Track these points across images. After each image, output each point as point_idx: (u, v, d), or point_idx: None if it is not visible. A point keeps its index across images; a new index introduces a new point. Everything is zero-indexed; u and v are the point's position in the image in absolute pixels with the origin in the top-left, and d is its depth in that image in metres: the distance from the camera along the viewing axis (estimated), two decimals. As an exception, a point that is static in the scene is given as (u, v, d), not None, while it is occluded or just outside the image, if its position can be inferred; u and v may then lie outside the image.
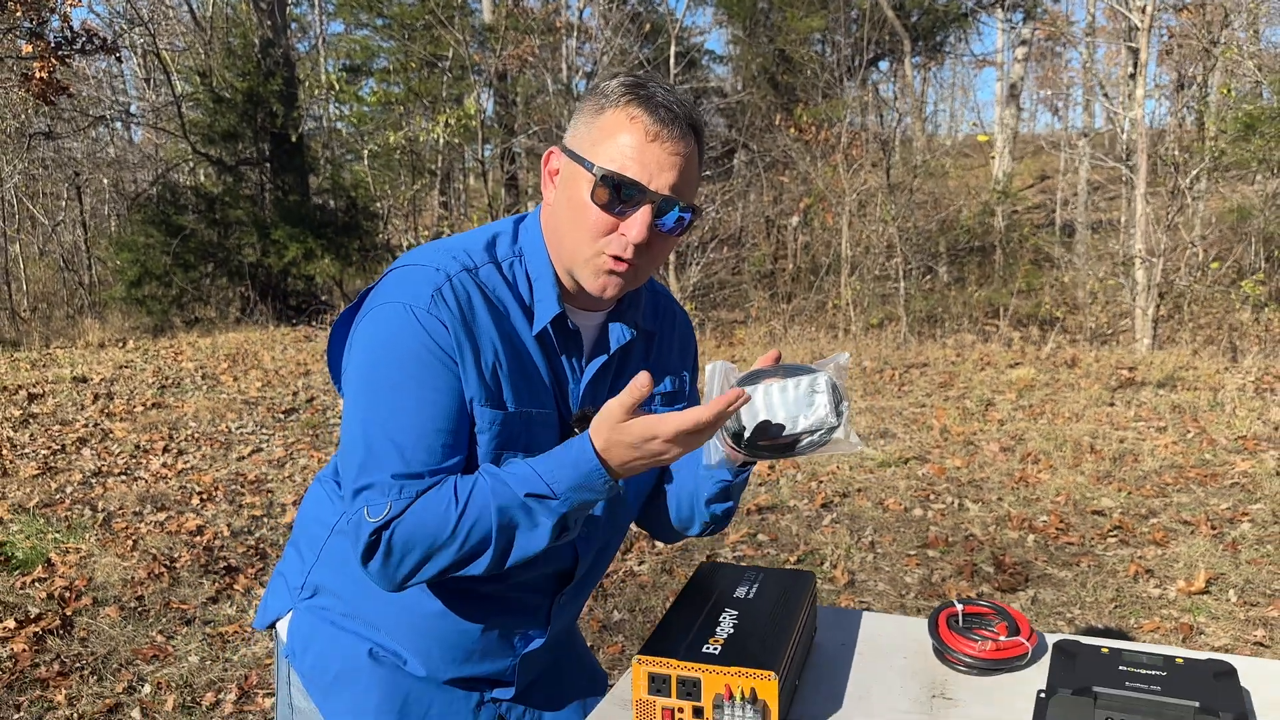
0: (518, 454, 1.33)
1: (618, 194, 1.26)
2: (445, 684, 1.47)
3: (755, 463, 1.48)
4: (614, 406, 1.21)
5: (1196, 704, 1.26)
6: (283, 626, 1.52)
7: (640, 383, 1.17)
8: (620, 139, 1.26)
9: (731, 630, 1.38)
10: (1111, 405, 7.33)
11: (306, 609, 1.50)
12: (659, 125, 1.26)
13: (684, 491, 1.53)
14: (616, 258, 1.29)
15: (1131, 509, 5.14)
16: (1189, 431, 6.48)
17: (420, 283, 1.29)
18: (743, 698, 1.27)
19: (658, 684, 1.30)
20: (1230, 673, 1.36)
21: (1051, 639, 1.54)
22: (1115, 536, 4.79)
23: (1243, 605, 4.03)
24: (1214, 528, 4.82)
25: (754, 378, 1.33)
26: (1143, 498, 5.30)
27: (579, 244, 1.30)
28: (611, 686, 1.51)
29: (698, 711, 1.28)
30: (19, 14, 9.85)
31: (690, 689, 1.28)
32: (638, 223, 1.27)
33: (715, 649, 1.32)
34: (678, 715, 1.29)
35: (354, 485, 1.27)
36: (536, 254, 1.37)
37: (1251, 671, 1.47)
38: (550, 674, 1.59)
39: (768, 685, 1.26)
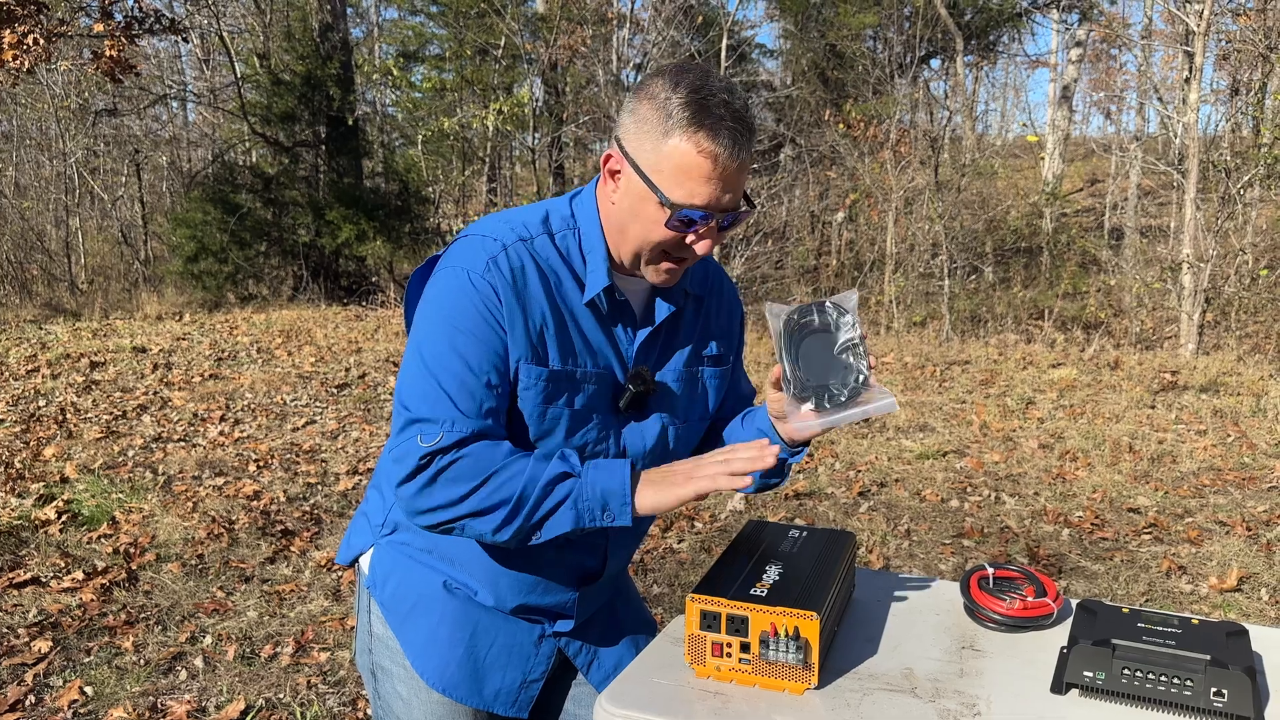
0: (562, 410, 1.47)
1: (690, 223, 1.40)
2: (511, 615, 1.61)
3: (806, 448, 1.62)
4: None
5: (1208, 658, 1.36)
6: (365, 560, 1.67)
7: None
8: (691, 170, 1.36)
9: (777, 577, 1.50)
10: (1152, 408, 7.34)
11: (387, 544, 1.64)
12: (728, 155, 1.35)
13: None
14: (683, 259, 1.45)
15: (1167, 508, 5.18)
16: (1229, 435, 6.49)
17: (479, 250, 1.45)
18: (787, 635, 1.38)
19: (709, 620, 1.42)
20: (1242, 633, 1.45)
21: (1076, 603, 1.64)
22: (1150, 534, 4.84)
23: (1274, 604, 4.08)
24: (1250, 529, 4.86)
25: (802, 325, 1.47)
26: (1179, 498, 5.34)
27: (646, 248, 1.44)
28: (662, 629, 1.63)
29: (745, 646, 1.40)
30: (92, -7, 10.14)
31: (739, 626, 1.40)
32: (707, 241, 1.42)
33: (762, 591, 1.44)
34: (726, 649, 1.41)
35: (407, 418, 1.41)
36: (592, 230, 1.50)
37: (1264, 638, 1.57)
38: (606, 615, 1.73)
39: (810, 624, 1.38)
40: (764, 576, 1.50)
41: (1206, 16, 10.65)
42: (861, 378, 1.44)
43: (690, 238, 1.41)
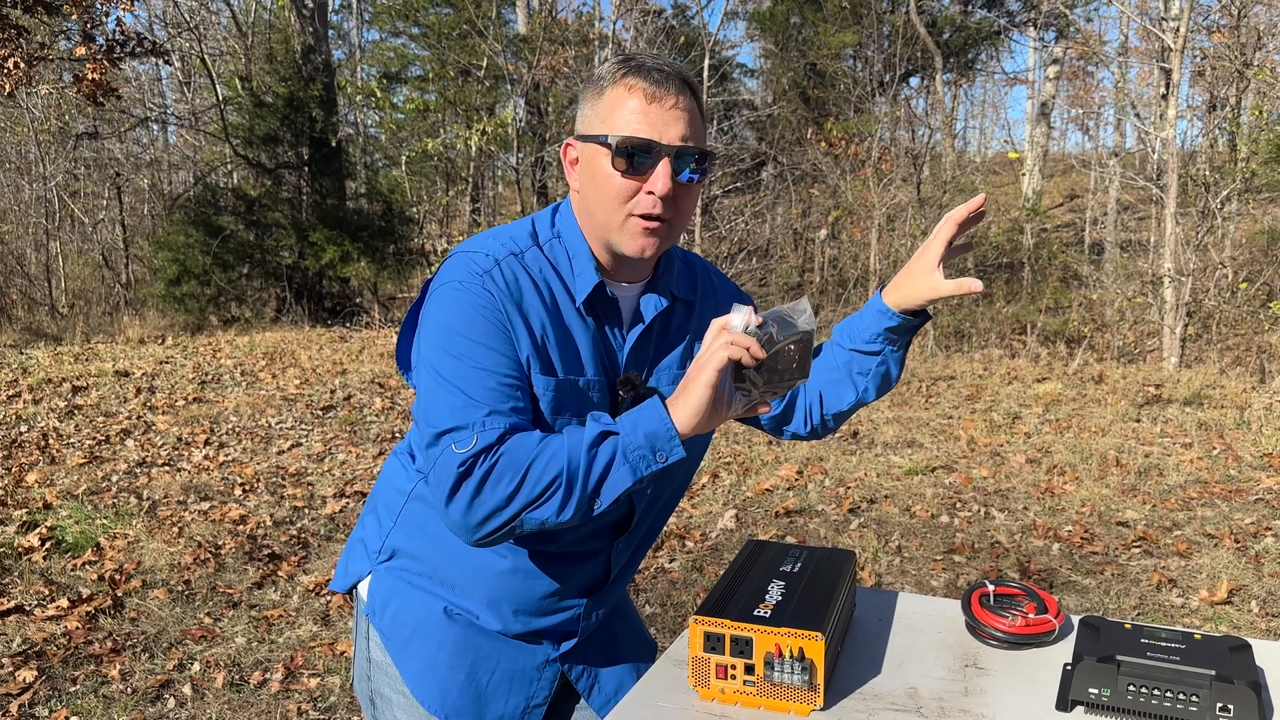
0: (571, 419, 1.45)
1: (634, 156, 1.39)
2: (514, 640, 1.60)
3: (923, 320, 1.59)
4: None
5: (1213, 673, 1.36)
6: (363, 587, 1.65)
7: None
8: (624, 108, 1.39)
9: (780, 597, 1.49)
10: (1138, 421, 7.37)
11: (385, 571, 1.62)
12: (655, 86, 1.39)
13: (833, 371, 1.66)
14: (647, 216, 1.41)
15: (1156, 521, 5.20)
16: (1214, 448, 6.53)
17: (473, 265, 1.43)
18: (792, 656, 1.37)
19: (713, 642, 1.40)
20: (1245, 647, 1.45)
21: (1077, 619, 1.64)
22: (1139, 547, 4.85)
23: (1264, 616, 4.09)
24: (1238, 541, 4.88)
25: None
26: (1167, 511, 5.36)
27: (610, 213, 1.42)
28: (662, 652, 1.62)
29: (749, 668, 1.39)
30: (74, 16, 10.10)
31: (743, 647, 1.39)
32: (660, 177, 1.39)
33: (766, 613, 1.43)
34: (730, 671, 1.40)
35: (435, 430, 1.36)
36: (572, 234, 1.50)
37: (1266, 651, 1.57)
38: (606, 637, 1.71)
39: (815, 645, 1.37)
40: (767, 597, 1.49)
41: (1183, 33, 10.78)
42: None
43: (644, 181, 1.40)
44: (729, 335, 1.30)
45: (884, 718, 1.37)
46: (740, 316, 1.34)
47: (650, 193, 1.39)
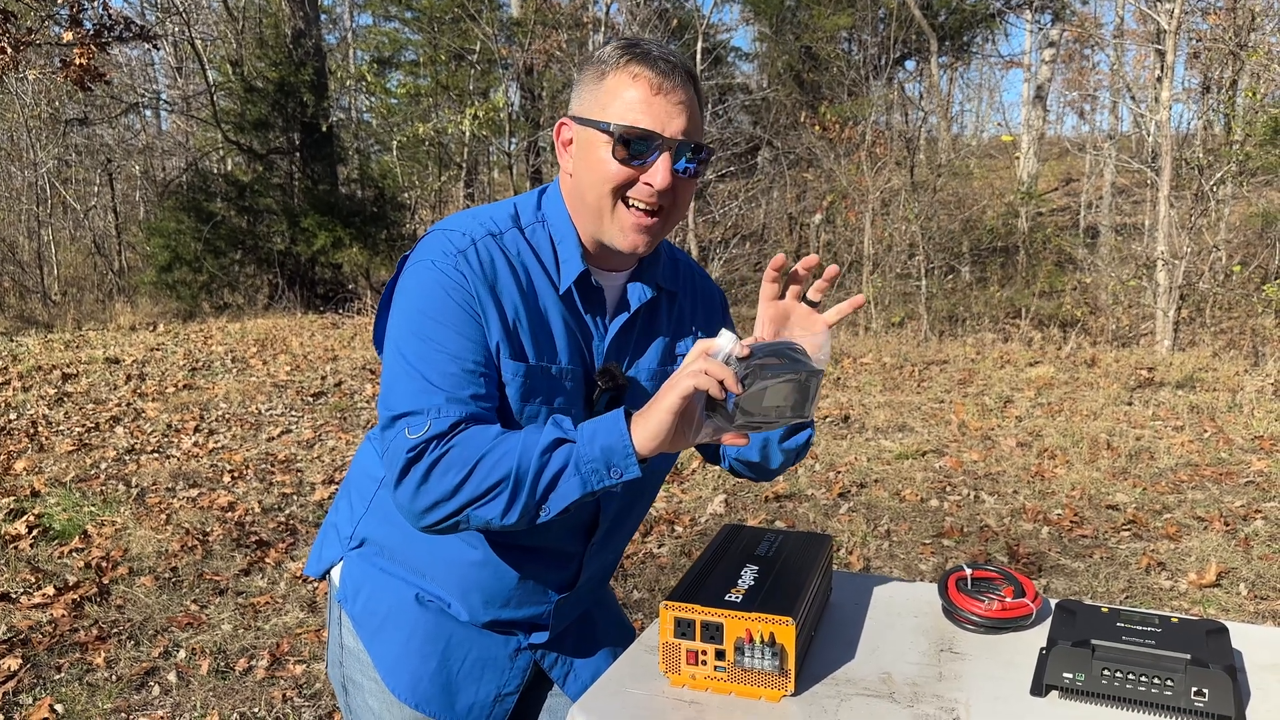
0: (540, 408, 1.43)
1: (635, 147, 1.36)
2: (485, 628, 1.58)
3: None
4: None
5: (1188, 657, 1.34)
6: (336, 573, 1.63)
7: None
8: (628, 96, 1.36)
9: (752, 582, 1.47)
10: (1130, 404, 7.37)
11: (358, 557, 1.61)
12: (661, 77, 1.36)
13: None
14: (646, 210, 1.39)
15: (1146, 504, 5.20)
16: (1206, 431, 6.52)
17: (448, 244, 1.41)
18: (762, 641, 1.36)
19: (683, 628, 1.39)
20: (1222, 631, 1.44)
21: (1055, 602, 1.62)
22: (1129, 530, 4.85)
23: (1253, 599, 4.09)
24: (1227, 524, 4.87)
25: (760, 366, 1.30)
26: (1157, 494, 5.36)
27: (602, 198, 1.39)
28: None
29: (720, 654, 1.37)
30: (59, 1, 10.02)
31: (713, 633, 1.37)
32: (660, 169, 1.37)
33: (737, 597, 1.41)
34: (701, 657, 1.38)
35: (391, 413, 1.34)
36: (559, 218, 1.47)
37: (1243, 635, 1.55)
38: (583, 625, 1.69)
39: (786, 630, 1.35)
40: (739, 582, 1.47)
41: (1177, 15, 10.73)
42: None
43: (642, 171, 1.37)
44: (704, 363, 1.24)
45: (856, 703, 1.36)
46: (726, 342, 1.27)
47: (648, 184, 1.37)
